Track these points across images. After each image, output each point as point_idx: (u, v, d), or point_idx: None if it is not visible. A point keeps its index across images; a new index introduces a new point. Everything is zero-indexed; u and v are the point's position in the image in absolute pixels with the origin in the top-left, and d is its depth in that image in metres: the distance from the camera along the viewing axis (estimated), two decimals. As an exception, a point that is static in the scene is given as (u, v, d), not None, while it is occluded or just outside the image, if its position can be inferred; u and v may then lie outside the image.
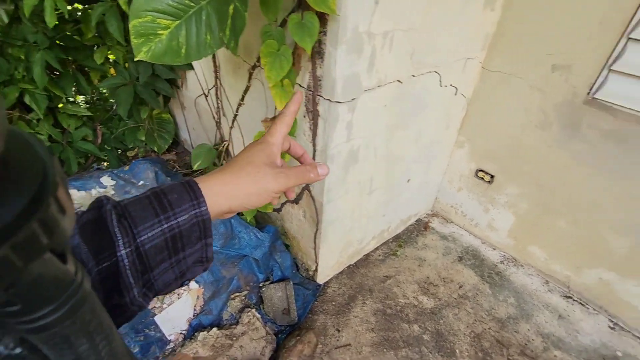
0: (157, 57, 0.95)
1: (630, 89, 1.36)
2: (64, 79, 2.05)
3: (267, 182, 0.42)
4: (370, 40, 1.09)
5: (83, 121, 2.31)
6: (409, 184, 1.84)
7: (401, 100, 1.38)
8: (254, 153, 0.43)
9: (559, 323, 1.68)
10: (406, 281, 1.84)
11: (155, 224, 0.35)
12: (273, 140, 0.45)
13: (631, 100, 1.36)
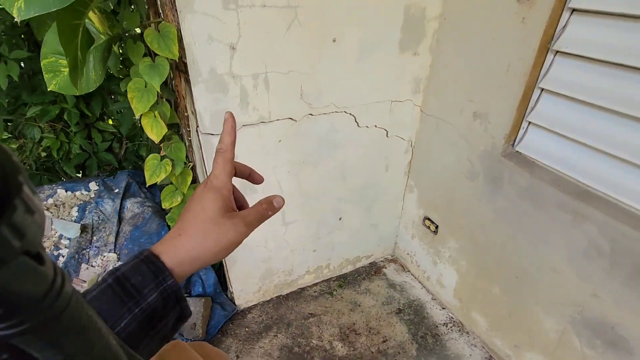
0: (63, 89, 1.21)
1: (543, 143, 1.20)
2: (94, 101, 2.55)
3: (230, 236, 0.41)
4: (237, 80, 1.20)
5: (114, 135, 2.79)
6: (342, 223, 1.80)
7: (301, 137, 1.43)
8: (207, 206, 0.41)
9: (481, 408, 1.43)
10: (329, 323, 1.77)
11: (125, 313, 0.34)
12: (221, 184, 0.43)
13: (544, 155, 1.20)
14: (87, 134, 2.75)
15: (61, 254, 1.74)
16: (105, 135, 2.79)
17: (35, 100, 2.38)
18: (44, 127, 2.56)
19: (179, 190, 1.47)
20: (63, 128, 2.67)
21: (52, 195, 1.99)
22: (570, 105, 1.11)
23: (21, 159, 2.67)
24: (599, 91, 1.02)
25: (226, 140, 0.46)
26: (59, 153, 2.62)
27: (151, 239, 1.76)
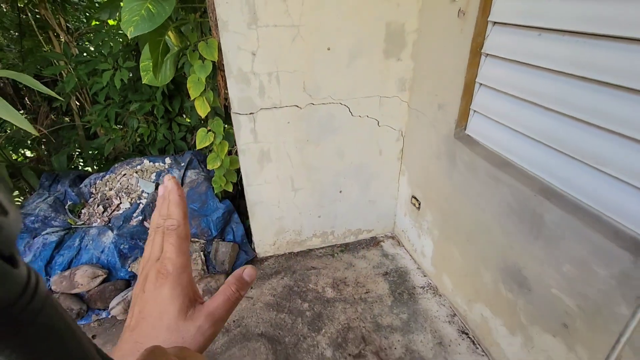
0: (151, 82, 1.87)
1: (481, 126, 1.52)
2: (175, 100, 3.35)
3: (197, 342, 0.34)
4: (256, 76, 1.74)
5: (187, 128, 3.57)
6: (342, 195, 2.23)
7: (304, 120, 1.92)
8: (165, 310, 0.34)
9: (434, 347, 1.73)
10: (326, 275, 2.19)
11: None
12: (178, 269, 0.35)
13: (481, 135, 1.51)
14: (169, 126, 3.56)
15: (141, 202, 2.44)
16: (181, 128, 3.57)
17: (136, 99, 3.22)
18: (141, 119, 3.41)
19: (219, 156, 2.06)
20: (152, 120, 3.51)
21: (140, 164, 2.75)
22: (497, 96, 1.42)
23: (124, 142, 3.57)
24: (514, 84, 1.33)
25: (176, 213, 0.37)
26: (148, 139, 3.46)
27: (200, 197, 2.38)
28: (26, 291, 0.17)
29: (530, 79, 1.25)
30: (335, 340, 1.78)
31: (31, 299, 0.17)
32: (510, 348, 1.48)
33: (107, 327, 1.93)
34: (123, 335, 0.34)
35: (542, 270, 1.25)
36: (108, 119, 3.36)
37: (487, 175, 1.45)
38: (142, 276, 0.36)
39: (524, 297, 1.36)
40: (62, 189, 2.56)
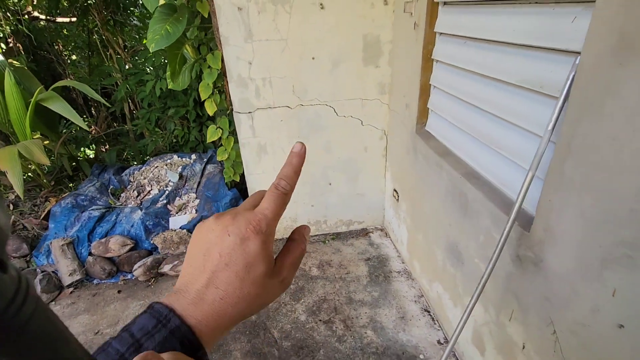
0: (175, 87, 2.31)
1: (435, 122, 1.74)
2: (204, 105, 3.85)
3: (275, 295, 0.36)
4: (253, 81, 2.10)
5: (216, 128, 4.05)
6: (331, 187, 2.50)
7: (295, 119, 2.24)
8: (256, 268, 0.33)
9: (395, 320, 1.92)
10: (314, 257, 2.47)
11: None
12: (271, 230, 0.35)
13: (435, 130, 1.74)
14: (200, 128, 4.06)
15: (167, 189, 2.90)
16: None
17: (173, 104, 3.75)
18: (177, 122, 3.94)
19: (227, 150, 2.44)
20: (186, 124, 4.04)
21: (170, 158, 3.23)
22: (442, 95, 1.65)
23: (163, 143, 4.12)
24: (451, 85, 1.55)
25: (292, 179, 0.37)
26: (182, 140, 3.98)
27: (214, 186, 2.78)
28: (17, 297, 0.17)
29: (459, 79, 1.47)
30: (311, 309, 2.04)
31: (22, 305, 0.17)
32: (455, 319, 1.65)
33: (130, 285, 2.35)
34: (190, 278, 0.33)
35: (469, 244, 1.44)
36: (151, 123, 3.94)
37: (435, 164, 1.67)
38: (227, 215, 0.34)
39: (460, 269, 1.54)
40: (107, 176, 3.10)
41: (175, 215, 2.73)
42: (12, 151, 2.30)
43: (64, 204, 2.67)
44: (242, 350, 1.82)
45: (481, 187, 1.32)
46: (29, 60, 4.43)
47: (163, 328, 0.30)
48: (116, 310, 2.14)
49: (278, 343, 1.84)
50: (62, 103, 2.56)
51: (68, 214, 2.62)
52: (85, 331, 2.00)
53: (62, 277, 2.33)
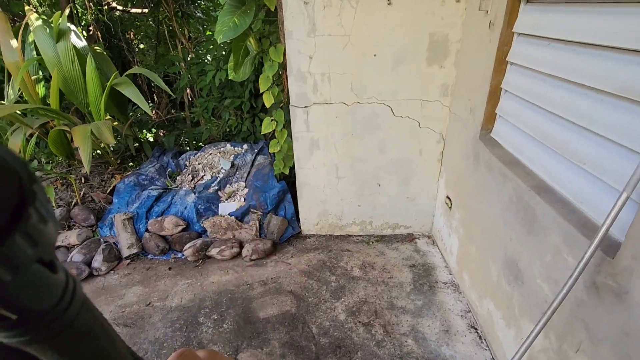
0: (235, 79, 2.39)
1: (503, 129, 1.63)
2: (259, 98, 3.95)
3: None
4: (312, 76, 2.10)
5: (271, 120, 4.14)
6: (381, 189, 2.45)
7: (350, 116, 2.21)
8: None
9: (439, 333, 1.84)
10: (357, 258, 2.44)
11: None
12: None
13: (502, 137, 1.62)
14: (252, 120, 4.17)
15: (219, 176, 3.02)
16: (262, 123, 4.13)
17: (230, 95, 3.88)
18: (231, 112, 4.07)
19: (279, 142, 2.48)
20: (240, 114, 4.17)
21: (223, 147, 3.36)
22: (516, 100, 1.53)
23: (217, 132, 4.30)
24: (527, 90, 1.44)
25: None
26: (235, 129, 4.11)
27: (263, 176, 2.84)
28: (65, 295, 0.18)
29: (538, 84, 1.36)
30: (351, 309, 2.02)
31: (69, 303, 0.18)
32: (506, 340, 1.54)
33: (180, 264, 2.48)
34: None
35: (531, 262, 1.33)
36: (207, 111, 4.11)
37: (499, 173, 1.56)
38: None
39: (518, 288, 1.43)
40: (166, 159, 3.29)
41: (225, 201, 2.83)
42: (86, 130, 2.51)
43: (127, 182, 2.88)
44: (280, 341, 1.84)
45: (553, 203, 1.21)
46: (105, 48, 4.82)
47: None
48: (166, 285, 2.27)
49: (316, 339, 1.84)
50: (133, 89, 2.75)
51: (130, 191, 2.81)
52: (138, 301, 2.14)
53: (122, 249, 2.51)
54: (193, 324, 1.95)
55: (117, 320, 2.00)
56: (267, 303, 2.08)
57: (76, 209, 2.71)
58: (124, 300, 2.15)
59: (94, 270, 2.37)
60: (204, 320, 1.98)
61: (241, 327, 1.92)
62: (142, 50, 5.76)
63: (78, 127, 2.50)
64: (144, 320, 2.00)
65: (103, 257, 2.39)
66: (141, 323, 1.98)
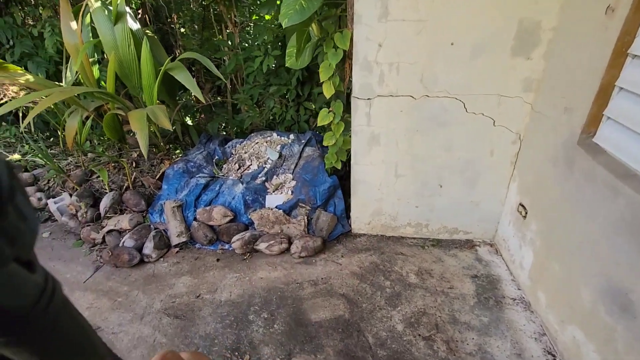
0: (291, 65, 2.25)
1: (613, 134, 1.40)
2: (305, 86, 3.82)
3: None
4: (378, 65, 1.93)
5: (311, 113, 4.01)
6: (442, 190, 2.26)
7: (416, 111, 2.03)
8: None
9: (510, 356, 1.67)
10: (412, 263, 2.28)
11: None
12: None
13: (610, 143, 1.39)
14: (297, 109, 4.06)
15: (266, 166, 2.93)
16: (306, 111, 4.01)
17: (276, 82, 3.77)
18: (276, 100, 3.97)
19: (335, 135, 2.34)
20: (285, 103, 4.06)
21: (270, 136, 3.27)
22: (637, 101, 1.29)
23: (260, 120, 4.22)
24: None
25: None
26: (279, 118, 4.01)
27: (312, 170, 2.72)
28: (43, 297, 0.17)
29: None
30: (409, 320, 1.88)
31: (48, 304, 0.17)
32: (601, 378, 1.35)
33: (227, 256, 2.43)
34: None
35: (653, 296, 1.12)
36: (252, 98, 4.03)
37: (605, 185, 1.34)
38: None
39: (625, 322, 1.23)
40: (213, 147, 3.25)
41: (272, 193, 2.74)
42: (142, 114, 2.48)
43: (176, 168, 2.86)
44: (334, 348, 1.74)
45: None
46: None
47: None
48: (215, 278, 2.23)
49: (373, 350, 1.72)
50: (186, 74, 2.69)
51: (179, 178, 2.79)
52: (188, 292, 2.11)
53: (171, 236, 2.50)
54: (243, 322, 1.89)
55: (167, 311, 1.98)
56: (318, 305, 1.98)
57: (128, 194, 2.72)
58: (174, 290, 2.13)
59: (145, 256, 2.37)
60: (254, 318, 1.91)
61: (293, 330, 1.84)
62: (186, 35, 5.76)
63: (135, 112, 2.48)
64: (194, 312, 1.96)
65: (154, 245, 2.38)
66: (191, 316, 1.94)
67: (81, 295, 2.11)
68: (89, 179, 2.96)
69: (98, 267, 2.35)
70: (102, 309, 2.01)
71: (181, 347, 1.75)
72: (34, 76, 2.67)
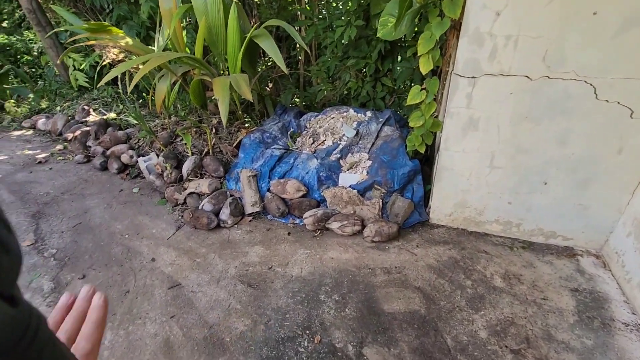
0: (384, 36, 2.07)
1: None
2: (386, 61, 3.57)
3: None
4: (492, 38, 1.66)
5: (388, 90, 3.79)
6: (546, 188, 1.97)
7: (530, 94, 1.74)
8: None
9: (620, 390, 1.43)
10: (498, 264, 2.06)
11: None
12: None
13: None
14: (374, 84, 3.84)
15: (341, 143, 2.83)
16: (384, 88, 3.79)
17: (355, 55, 3.58)
18: (352, 74, 3.79)
19: (424, 115, 2.13)
20: (362, 77, 3.86)
21: (346, 111, 3.13)
22: None
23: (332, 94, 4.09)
24: None
25: (93, 336, 0.37)
26: (353, 93, 3.84)
27: (391, 151, 2.56)
28: (27, 332, 0.17)
29: None
30: (494, 327, 1.70)
31: (32, 340, 0.17)
32: None
33: (298, 231, 2.42)
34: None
35: None
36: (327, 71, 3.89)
37: None
38: None
39: None
40: (288, 118, 3.22)
41: (346, 172, 2.65)
42: (226, 82, 2.49)
43: (252, 137, 2.88)
44: (409, 345, 1.64)
45: None
46: None
47: None
48: (286, 251, 2.23)
49: (452, 354, 1.59)
50: (270, 42, 2.63)
51: (255, 148, 2.81)
52: (260, 262, 2.14)
53: (245, 205, 2.55)
54: (314, 301, 1.87)
55: (242, 278, 2.02)
56: (391, 295, 1.88)
57: (208, 159, 2.82)
58: (247, 259, 2.17)
59: (221, 222, 2.45)
60: (325, 299, 1.88)
61: (365, 317, 1.77)
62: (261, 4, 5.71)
63: (219, 79, 2.49)
64: (266, 284, 1.99)
65: (230, 211, 2.44)
66: (264, 286, 1.97)
67: (165, 251, 2.25)
68: (173, 142, 3.11)
69: (179, 226, 2.49)
70: (183, 267, 2.12)
71: (254, 317, 1.78)
72: (132, 39, 2.80)
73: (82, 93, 4.61)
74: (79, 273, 2.11)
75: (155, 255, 2.22)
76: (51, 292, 1.99)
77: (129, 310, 1.86)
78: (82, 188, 2.98)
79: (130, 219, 2.58)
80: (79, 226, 2.52)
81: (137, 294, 1.96)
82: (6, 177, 3.16)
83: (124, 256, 2.23)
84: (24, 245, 2.35)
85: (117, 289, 1.99)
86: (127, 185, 3.01)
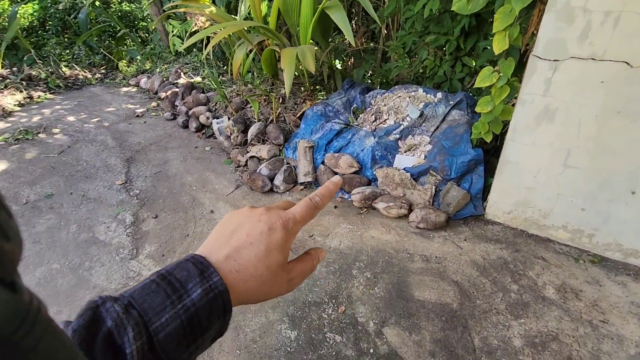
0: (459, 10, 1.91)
1: None
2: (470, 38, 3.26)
3: (280, 291, 0.39)
4: (586, 14, 1.42)
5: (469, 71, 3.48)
6: (634, 198, 1.67)
7: (628, 84, 1.46)
8: (274, 255, 0.37)
9: None
10: (554, 273, 1.85)
11: (168, 307, 0.31)
12: (296, 229, 0.40)
13: None
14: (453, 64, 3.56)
15: (403, 124, 2.73)
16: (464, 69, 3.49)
17: (435, 30, 3.33)
18: (431, 51, 3.55)
19: (493, 101, 1.94)
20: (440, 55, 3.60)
21: (414, 91, 2.99)
22: None
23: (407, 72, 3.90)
24: None
25: (326, 198, 0.43)
26: (429, 72, 3.62)
27: (454, 137, 2.39)
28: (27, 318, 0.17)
29: None
30: (532, 339, 1.57)
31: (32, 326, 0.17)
32: None
33: (345, 206, 2.46)
34: (212, 248, 0.37)
35: None
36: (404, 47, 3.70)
37: None
38: (261, 208, 0.40)
39: None
40: (353, 94, 3.19)
41: (403, 153, 2.56)
42: (292, 53, 2.55)
43: (315, 110, 2.94)
44: (432, 335, 1.60)
45: None
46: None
47: (205, 282, 0.33)
48: (329, 223, 2.29)
49: (476, 354, 1.52)
50: (342, 14, 2.59)
51: (316, 120, 2.87)
52: (303, 229, 2.24)
53: (299, 174, 2.65)
54: (346, 274, 1.92)
55: (283, 241, 2.15)
56: (425, 284, 1.84)
57: (271, 126, 2.97)
58: (292, 224, 2.29)
59: (275, 187, 2.60)
60: (357, 274, 1.91)
61: (392, 299, 1.77)
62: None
63: (287, 49, 2.57)
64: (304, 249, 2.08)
65: (283, 178, 2.58)
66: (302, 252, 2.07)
67: (222, 206, 2.49)
68: (244, 107, 3.33)
69: (238, 185, 2.71)
70: (235, 223, 2.33)
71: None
72: (216, 9, 3.01)
73: (178, 57, 5.14)
74: (153, 213, 2.46)
75: (214, 208, 2.48)
76: (131, 225, 2.36)
77: (186, 251, 2.13)
78: (166, 142, 3.40)
79: (199, 173, 2.89)
80: (159, 174, 2.90)
81: (194, 238, 2.22)
82: (111, 126, 3.75)
83: (189, 205, 2.53)
84: (117, 183, 2.81)
85: (180, 231, 2.29)
86: (201, 143, 3.34)
